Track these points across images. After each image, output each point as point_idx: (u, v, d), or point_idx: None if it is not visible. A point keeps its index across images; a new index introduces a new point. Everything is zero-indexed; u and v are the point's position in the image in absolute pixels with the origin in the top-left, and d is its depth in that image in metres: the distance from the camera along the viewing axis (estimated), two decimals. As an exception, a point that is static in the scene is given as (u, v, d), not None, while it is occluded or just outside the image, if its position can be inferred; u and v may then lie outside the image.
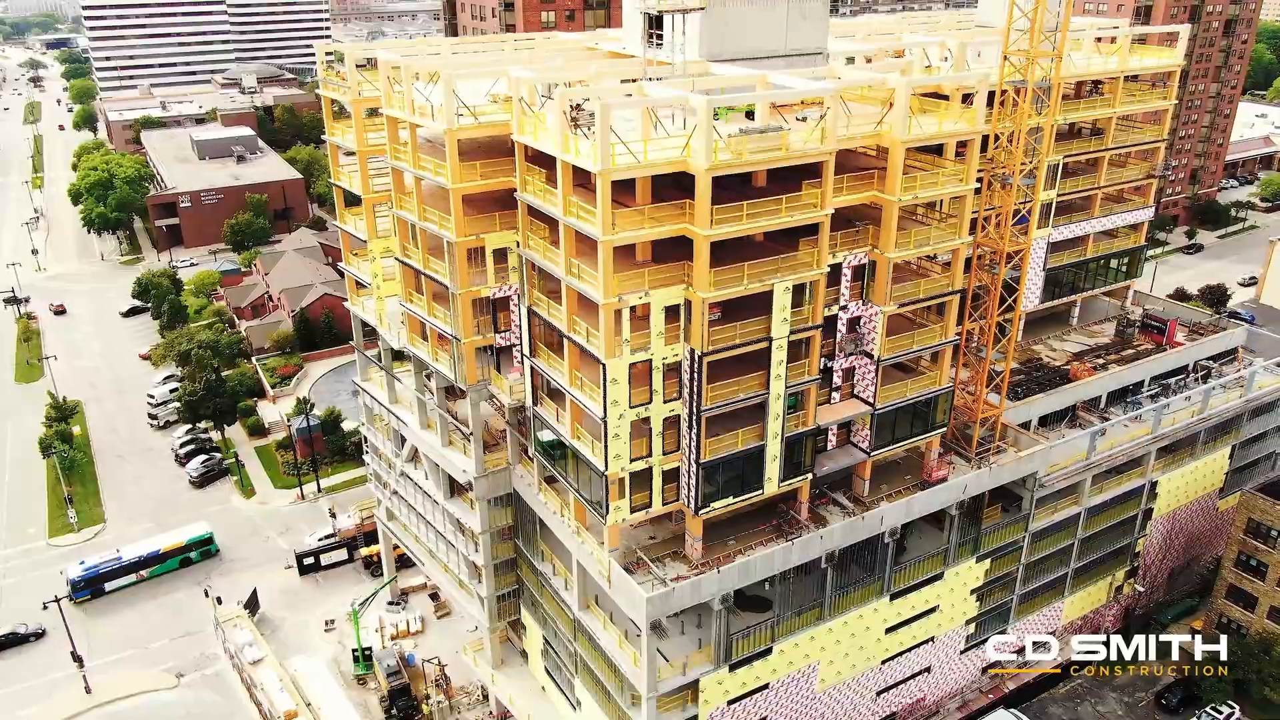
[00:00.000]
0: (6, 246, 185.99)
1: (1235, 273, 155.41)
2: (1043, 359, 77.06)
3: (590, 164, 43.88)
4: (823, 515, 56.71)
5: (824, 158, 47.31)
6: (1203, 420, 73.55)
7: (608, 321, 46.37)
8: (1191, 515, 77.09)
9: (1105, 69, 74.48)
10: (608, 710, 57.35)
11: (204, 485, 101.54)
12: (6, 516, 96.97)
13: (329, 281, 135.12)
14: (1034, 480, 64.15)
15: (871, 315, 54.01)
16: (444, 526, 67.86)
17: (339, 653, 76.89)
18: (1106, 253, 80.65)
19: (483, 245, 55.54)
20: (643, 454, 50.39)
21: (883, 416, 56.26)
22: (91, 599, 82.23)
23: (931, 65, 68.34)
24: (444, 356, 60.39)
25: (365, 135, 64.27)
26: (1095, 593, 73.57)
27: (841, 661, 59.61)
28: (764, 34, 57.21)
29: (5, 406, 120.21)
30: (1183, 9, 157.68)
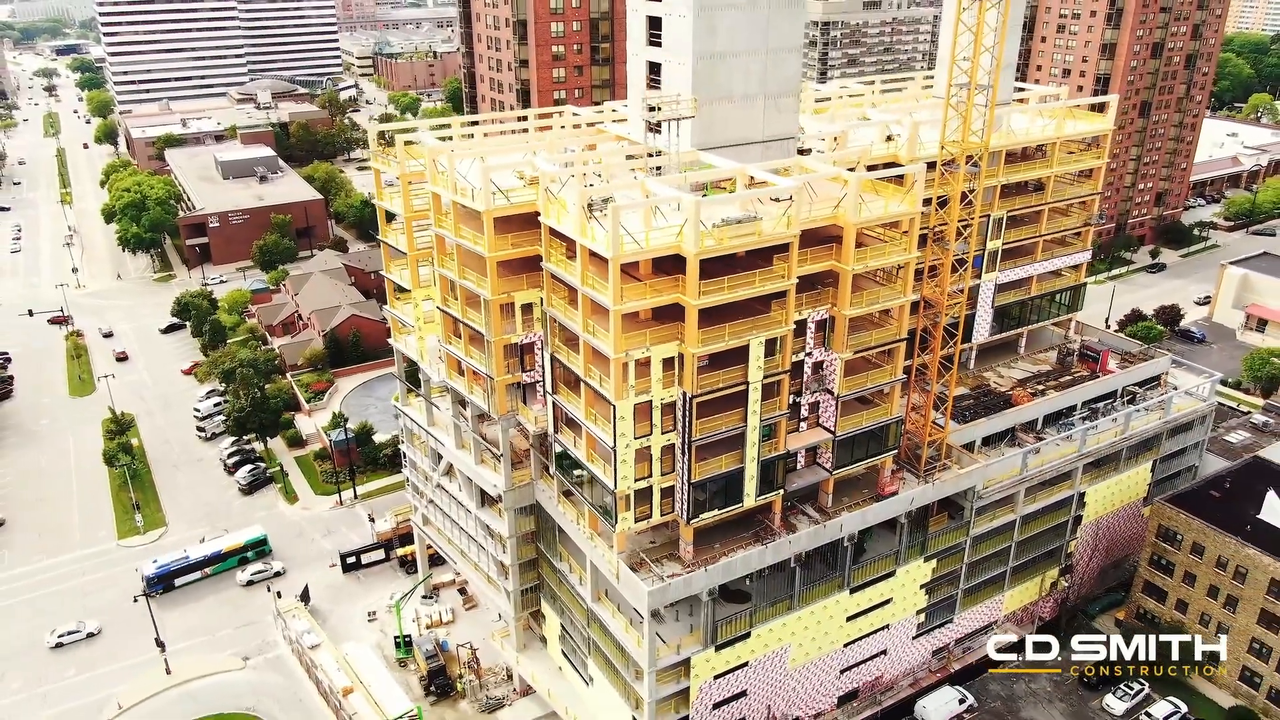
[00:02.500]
0: (46, 264, 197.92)
1: (1194, 291, 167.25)
2: (991, 385, 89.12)
3: (604, 250, 55.90)
4: (793, 523, 68.77)
5: (790, 239, 59.33)
6: (1125, 439, 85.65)
7: (617, 371, 58.40)
8: (1117, 521, 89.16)
9: (1043, 135, 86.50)
10: (616, 684, 69.43)
11: (251, 492, 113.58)
12: (79, 520, 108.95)
13: (355, 303, 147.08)
14: (973, 493, 76.27)
15: (832, 360, 66.02)
16: (475, 531, 79.94)
17: (381, 640, 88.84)
18: (1049, 290, 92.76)
19: (513, 300, 67.53)
20: (644, 474, 62.38)
21: (842, 442, 68.33)
22: (164, 593, 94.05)
23: (892, 136, 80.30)
24: (479, 390, 72.45)
25: (411, 201, 75.81)
26: (1032, 588, 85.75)
27: (809, 644, 71.72)
28: (744, 126, 69.22)
29: (65, 420, 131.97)
30: (1145, 46, 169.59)
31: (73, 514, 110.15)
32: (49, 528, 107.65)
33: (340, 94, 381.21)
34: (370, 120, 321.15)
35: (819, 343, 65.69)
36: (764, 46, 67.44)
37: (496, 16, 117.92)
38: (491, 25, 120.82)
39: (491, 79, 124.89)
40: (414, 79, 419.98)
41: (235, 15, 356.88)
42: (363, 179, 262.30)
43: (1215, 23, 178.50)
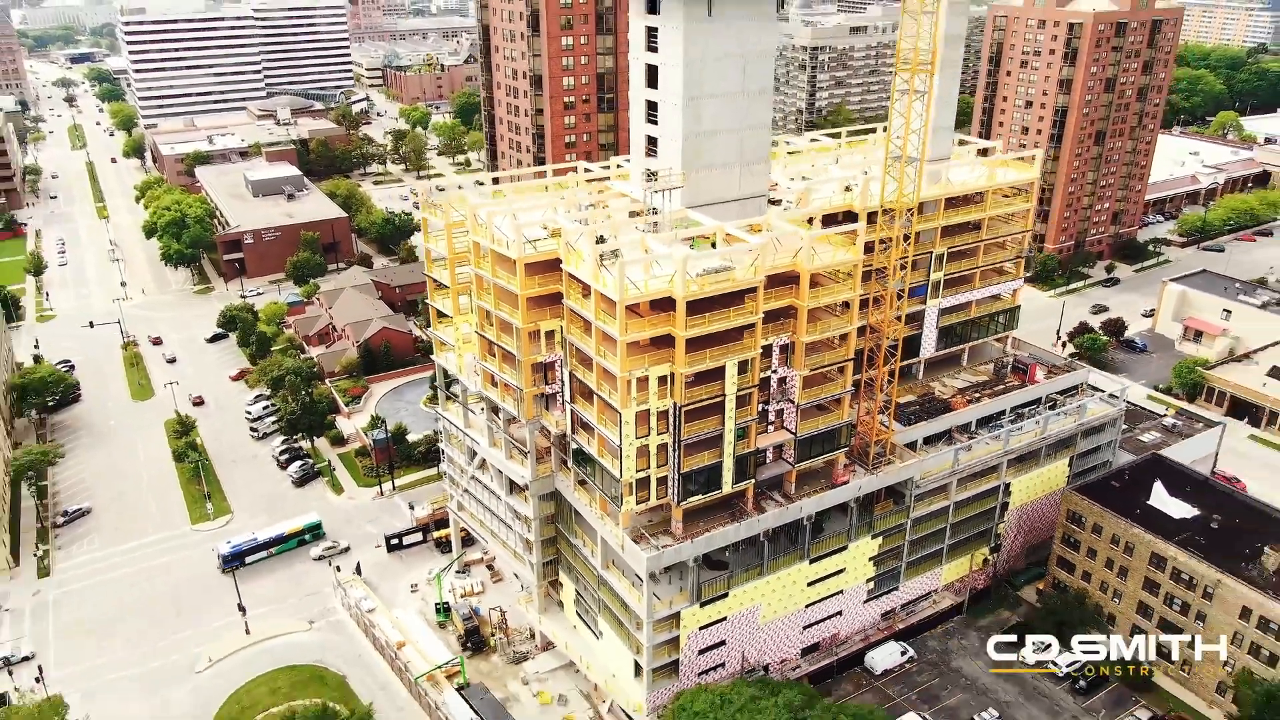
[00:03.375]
0: (93, 277, 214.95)
1: (1143, 305, 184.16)
2: (935, 392, 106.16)
3: (613, 294, 72.96)
4: (763, 506, 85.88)
5: (757, 284, 76.42)
6: (1044, 439, 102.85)
7: (623, 386, 75.45)
8: (1040, 507, 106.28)
9: (977, 184, 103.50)
10: (621, 635, 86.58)
11: (302, 485, 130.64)
12: (155, 509, 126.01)
13: (385, 316, 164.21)
14: (912, 483, 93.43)
15: (793, 376, 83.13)
16: (505, 515, 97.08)
17: (423, 607, 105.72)
18: (987, 312, 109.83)
19: (539, 328, 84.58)
20: (644, 467, 79.39)
21: (802, 441, 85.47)
22: (237, 569, 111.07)
23: (850, 187, 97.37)
24: (510, 399, 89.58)
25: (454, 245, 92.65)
26: (966, 562, 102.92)
27: (776, 605, 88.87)
28: (724, 188, 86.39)
29: (131, 422, 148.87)
30: (1099, 81, 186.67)
31: (149, 504, 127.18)
32: (129, 515, 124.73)
33: (353, 107, 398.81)
34: (386, 134, 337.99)
35: (782, 362, 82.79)
36: (740, 126, 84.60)
37: (515, 69, 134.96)
38: (510, 76, 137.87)
39: (510, 122, 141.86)
40: (423, 91, 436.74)
41: (254, 32, 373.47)
42: (380, 193, 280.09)
43: (1165, 59, 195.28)
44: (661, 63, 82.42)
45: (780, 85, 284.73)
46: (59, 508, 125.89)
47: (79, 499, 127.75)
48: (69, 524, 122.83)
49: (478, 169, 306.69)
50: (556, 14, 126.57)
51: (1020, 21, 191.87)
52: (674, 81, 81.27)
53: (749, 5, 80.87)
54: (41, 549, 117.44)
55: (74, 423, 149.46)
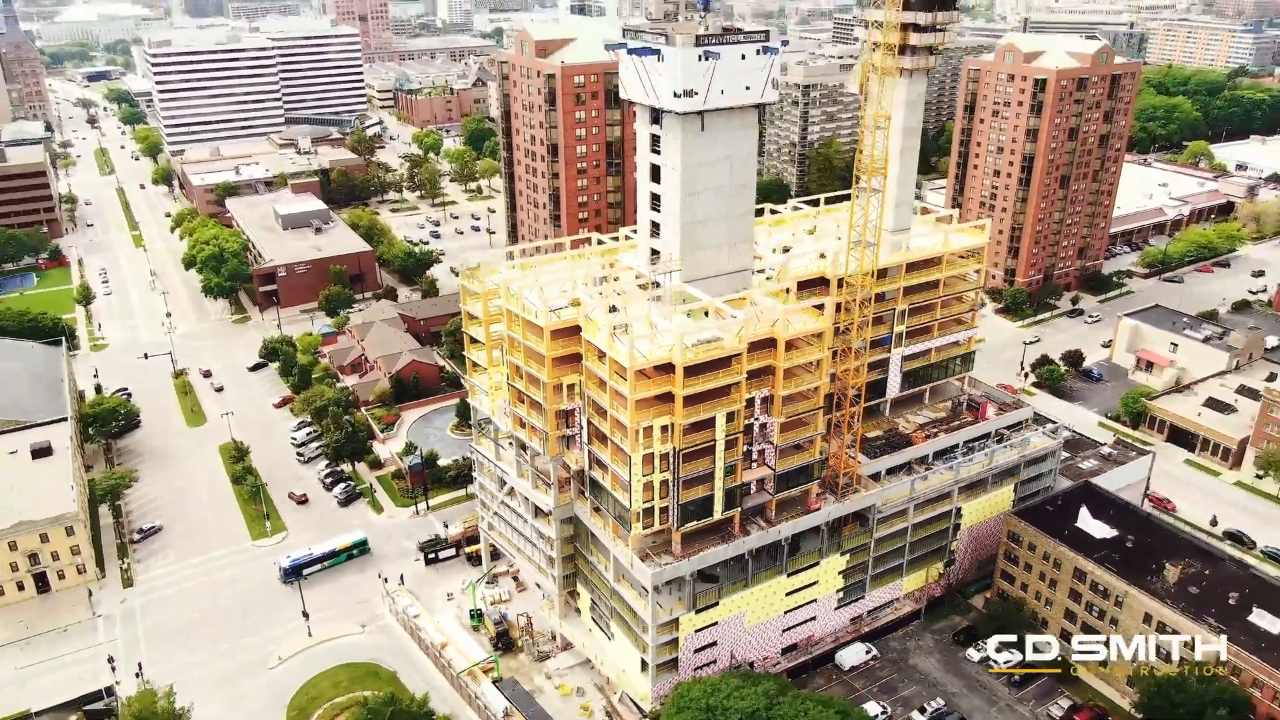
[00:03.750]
0: (138, 307, 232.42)
1: (1105, 335, 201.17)
2: (899, 428, 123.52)
3: (624, 361, 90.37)
4: (748, 529, 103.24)
5: (741, 350, 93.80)
6: (991, 469, 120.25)
7: (632, 434, 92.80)
8: (988, 528, 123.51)
9: (934, 250, 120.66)
10: (629, 637, 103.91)
11: (347, 505, 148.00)
12: (219, 526, 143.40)
13: (413, 349, 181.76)
14: (875, 509, 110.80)
15: (772, 423, 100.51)
16: (530, 534, 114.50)
17: (458, 613, 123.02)
18: (946, 357, 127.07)
19: (561, 382, 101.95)
20: (649, 498, 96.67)
21: (781, 475, 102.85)
22: (296, 580, 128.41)
23: (824, 254, 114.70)
24: (536, 439, 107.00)
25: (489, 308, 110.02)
26: (923, 575, 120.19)
27: (760, 611, 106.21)
28: (715, 264, 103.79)
29: (188, 447, 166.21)
30: (1063, 131, 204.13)
31: (212, 522, 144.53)
32: (196, 532, 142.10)
33: (367, 131, 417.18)
34: (400, 159, 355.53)
35: (763, 411, 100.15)
36: (728, 214, 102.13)
37: (534, 136, 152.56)
38: (529, 141, 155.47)
39: (529, 180, 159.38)
40: (433, 115, 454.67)
41: (273, 60, 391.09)
42: (398, 221, 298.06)
43: (1124, 108, 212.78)
44: (663, 164, 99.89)
45: (774, 119, 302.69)
46: (134, 525, 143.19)
47: (151, 517, 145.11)
48: (144, 540, 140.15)
49: (489, 196, 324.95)
50: (571, 92, 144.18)
51: (992, 75, 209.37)
52: (674, 180, 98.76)
53: (735, 119, 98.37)
54: (123, 562, 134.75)
55: (137, 447, 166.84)
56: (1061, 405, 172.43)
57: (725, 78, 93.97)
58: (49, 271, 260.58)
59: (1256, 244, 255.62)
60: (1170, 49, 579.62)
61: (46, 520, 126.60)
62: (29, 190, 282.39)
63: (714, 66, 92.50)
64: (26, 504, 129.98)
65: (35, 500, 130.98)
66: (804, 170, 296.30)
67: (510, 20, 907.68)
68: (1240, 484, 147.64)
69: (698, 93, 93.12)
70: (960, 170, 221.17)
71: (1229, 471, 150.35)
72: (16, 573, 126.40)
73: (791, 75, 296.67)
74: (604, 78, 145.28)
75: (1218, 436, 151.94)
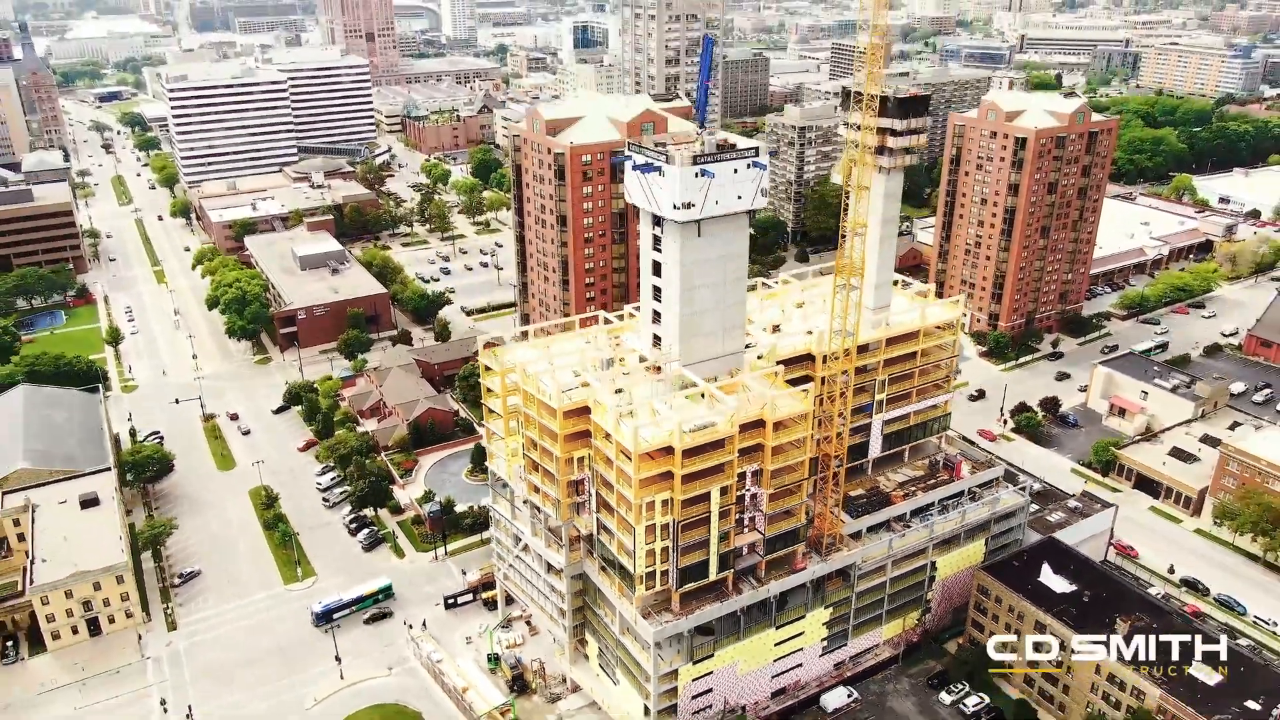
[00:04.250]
0: (164, 347, 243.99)
1: (1084, 379, 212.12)
2: (880, 486, 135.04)
3: (629, 445, 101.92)
4: (740, 588, 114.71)
5: (733, 434, 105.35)
6: (963, 526, 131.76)
7: (636, 508, 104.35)
8: (960, 579, 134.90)
9: (912, 324, 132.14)
10: (633, 684, 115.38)
11: (370, 549, 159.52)
12: (252, 570, 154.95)
13: (430, 396, 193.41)
14: (856, 566, 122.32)
15: (761, 493, 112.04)
16: (543, 587, 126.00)
17: (477, 656, 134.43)
18: (924, 420, 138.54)
19: (572, 456, 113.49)
20: (651, 563, 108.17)
21: (770, 539, 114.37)
22: (327, 625, 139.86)
23: (811, 330, 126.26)
24: (549, 504, 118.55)
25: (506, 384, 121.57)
26: (901, 623, 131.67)
27: (751, 660, 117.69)
28: (711, 348, 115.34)
29: (221, 491, 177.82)
30: (1042, 185, 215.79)
31: (247, 567, 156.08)
32: (233, 577, 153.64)
33: (377, 160, 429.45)
34: (410, 189, 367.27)
35: (753, 483, 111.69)
36: (722, 305, 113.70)
37: (544, 205, 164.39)
38: (540, 209, 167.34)
39: (539, 244, 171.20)
40: (440, 143, 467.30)
41: (285, 92, 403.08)
42: (409, 256, 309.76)
43: (1102, 162, 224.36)
44: (664, 262, 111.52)
45: (772, 159, 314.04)
46: (174, 569, 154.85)
47: (189, 561, 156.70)
48: (184, 584, 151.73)
49: (497, 230, 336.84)
50: (579, 169, 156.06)
51: (975, 130, 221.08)
52: (673, 277, 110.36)
53: (729, 223, 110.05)
54: (167, 606, 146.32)
55: (172, 491, 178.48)
56: (1038, 451, 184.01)
57: (719, 190, 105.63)
58: (77, 309, 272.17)
59: (1232, 284, 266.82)
60: (1162, 72, 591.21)
61: (99, 570, 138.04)
62: (56, 228, 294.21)
63: (709, 182, 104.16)
64: (79, 554, 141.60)
65: (87, 550, 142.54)
66: (800, 207, 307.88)
67: (513, 35, 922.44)
68: (1200, 531, 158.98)
69: (695, 204, 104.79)
70: (947, 218, 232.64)
71: (1190, 519, 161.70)
72: (71, 618, 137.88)
73: (788, 118, 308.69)
74: (609, 155, 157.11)
75: (1179, 485, 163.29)
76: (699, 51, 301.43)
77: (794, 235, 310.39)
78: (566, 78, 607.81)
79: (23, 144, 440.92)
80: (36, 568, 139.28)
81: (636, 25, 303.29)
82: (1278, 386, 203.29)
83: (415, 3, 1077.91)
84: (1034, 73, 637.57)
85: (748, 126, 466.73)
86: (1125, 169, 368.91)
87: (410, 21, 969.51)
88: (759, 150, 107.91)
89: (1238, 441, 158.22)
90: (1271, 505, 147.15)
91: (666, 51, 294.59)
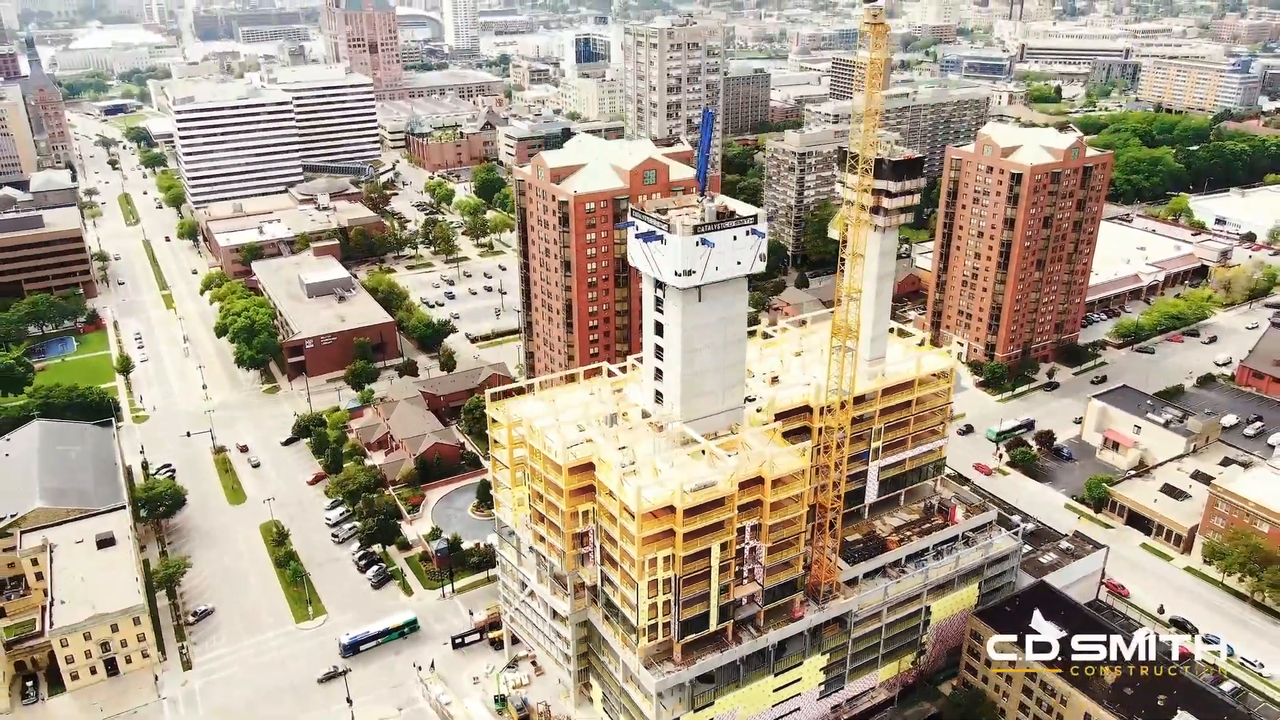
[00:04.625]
0: (173, 375, 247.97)
1: (1078, 410, 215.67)
2: (876, 530, 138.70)
3: (632, 505, 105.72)
4: (740, 637, 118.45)
5: (733, 492, 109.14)
6: (957, 571, 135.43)
7: (639, 563, 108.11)
8: (954, 622, 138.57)
9: (908, 374, 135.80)
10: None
11: (379, 587, 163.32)
12: (263, 608, 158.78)
13: (437, 431, 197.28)
14: (852, 613, 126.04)
15: (759, 546, 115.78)
16: (548, 632, 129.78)
17: (484, 696, 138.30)
18: (919, 465, 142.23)
19: (577, 510, 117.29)
20: (654, 616, 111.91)
21: (768, 591, 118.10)
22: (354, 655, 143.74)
23: (809, 383, 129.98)
24: (554, 553, 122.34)
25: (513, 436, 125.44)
26: (896, 665, 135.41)
27: (751, 707, 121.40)
28: (711, 405, 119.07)
29: (232, 525, 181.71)
30: (1038, 220, 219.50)
31: (259, 604, 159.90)
32: (246, 614, 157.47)
33: (381, 178, 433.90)
34: (415, 208, 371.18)
35: (753, 537, 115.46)
36: (721, 365, 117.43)
37: (549, 250, 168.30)
38: (544, 253, 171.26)
39: (543, 285, 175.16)
40: (444, 160, 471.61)
41: (291, 113, 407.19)
42: (413, 279, 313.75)
43: (1096, 195, 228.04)
44: (666, 324, 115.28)
45: (772, 183, 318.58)
46: (188, 607, 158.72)
47: (203, 599, 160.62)
48: (198, 622, 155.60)
49: (500, 252, 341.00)
50: (582, 217, 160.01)
51: (972, 165, 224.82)
52: (675, 339, 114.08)
53: (729, 288, 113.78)
54: (181, 645, 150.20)
55: (185, 525, 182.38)
56: (1033, 486, 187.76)
57: (719, 257, 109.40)
58: (88, 335, 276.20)
59: (1226, 310, 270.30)
60: (1160, 86, 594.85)
61: (117, 613, 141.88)
62: (66, 254, 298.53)
63: (710, 250, 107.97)
64: (97, 595, 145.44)
65: (104, 591, 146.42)
66: (800, 232, 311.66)
67: (515, 44, 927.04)
68: (1190, 569, 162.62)
69: (695, 271, 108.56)
70: (944, 249, 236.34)
71: (1180, 556, 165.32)
72: (90, 659, 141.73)
73: (789, 143, 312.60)
74: (612, 204, 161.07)
75: (1170, 524, 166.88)
76: (699, 78, 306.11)
77: (794, 259, 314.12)
78: (569, 91, 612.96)
79: (30, 162, 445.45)
80: (56, 610, 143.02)
81: (638, 52, 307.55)
82: (1269, 419, 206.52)
83: (418, 12, 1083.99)
84: (1034, 85, 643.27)
85: (748, 144, 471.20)
86: (1123, 189, 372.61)
87: (413, 30, 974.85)
88: (757, 218, 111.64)
89: (1227, 482, 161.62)
90: (1259, 546, 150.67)
91: (669, 79, 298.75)
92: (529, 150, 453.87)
